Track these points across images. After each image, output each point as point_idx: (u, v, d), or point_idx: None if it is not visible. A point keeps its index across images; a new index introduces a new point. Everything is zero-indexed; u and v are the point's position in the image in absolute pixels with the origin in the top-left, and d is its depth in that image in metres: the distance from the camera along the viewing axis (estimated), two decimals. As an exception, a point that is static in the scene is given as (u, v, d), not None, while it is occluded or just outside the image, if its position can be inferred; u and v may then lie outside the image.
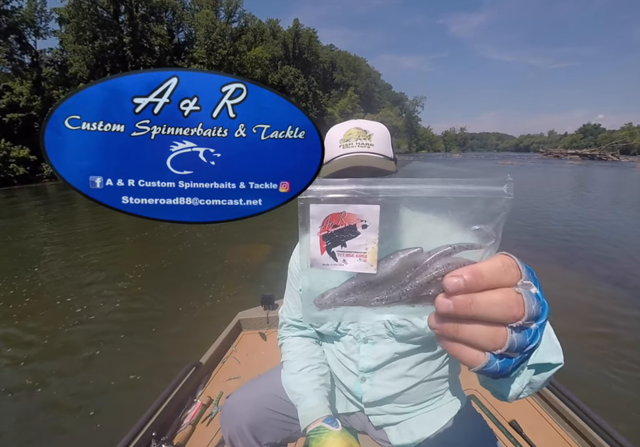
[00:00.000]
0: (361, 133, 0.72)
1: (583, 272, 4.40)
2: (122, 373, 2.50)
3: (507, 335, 0.24)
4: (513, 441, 1.27)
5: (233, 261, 4.84)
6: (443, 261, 0.27)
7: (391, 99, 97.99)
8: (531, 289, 0.25)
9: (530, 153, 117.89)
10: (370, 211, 0.28)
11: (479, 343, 0.24)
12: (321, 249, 0.29)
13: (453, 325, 0.25)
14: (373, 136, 0.73)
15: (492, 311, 0.23)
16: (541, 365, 0.42)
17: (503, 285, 0.24)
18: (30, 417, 2.13)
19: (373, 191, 0.28)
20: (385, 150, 0.74)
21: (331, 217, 0.28)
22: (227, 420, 0.88)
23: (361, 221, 0.28)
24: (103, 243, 6.16)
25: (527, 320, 0.24)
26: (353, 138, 0.73)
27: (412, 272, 0.28)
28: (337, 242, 0.29)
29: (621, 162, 45.54)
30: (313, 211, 0.28)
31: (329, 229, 0.28)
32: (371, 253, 0.28)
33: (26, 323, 3.30)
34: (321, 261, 0.29)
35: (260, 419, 0.88)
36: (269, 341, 1.94)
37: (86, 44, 28.29)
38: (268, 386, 0.96)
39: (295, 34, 50.50)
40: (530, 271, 0.26)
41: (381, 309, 0.29)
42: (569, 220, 7.44)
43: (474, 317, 0.24)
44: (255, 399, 0.91)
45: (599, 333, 2.94)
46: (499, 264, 0.25)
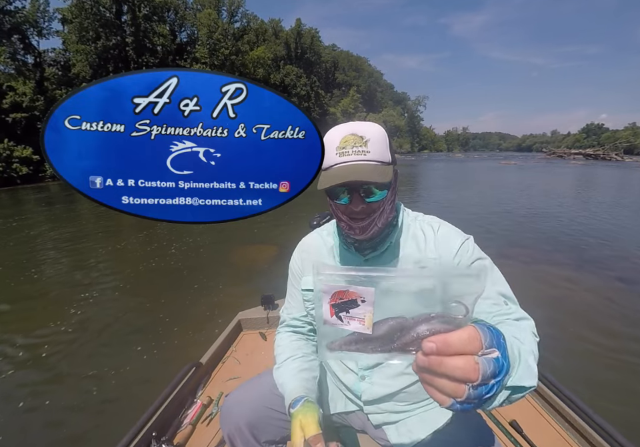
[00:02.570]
0: (357, 140, 0.72)
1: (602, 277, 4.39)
2: (122, 373, 2.50)
3: (465, 390, 0.32)
4: (513, 442, 1.27)
5: (233, 261, 4.84)
6: (424, 326, 0.35)
7: (393, 99, 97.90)
8: (492, 354, 0.33)
9: (533, 153, 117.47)
10: (367, 292, 0.38)
11: (445, 391, 0.33)
12: (331, 313, 0.40)
13: (429, 375, 0.33)
14: (369, 142, 0.73)
15: (455, 373, 0.31)
16: (518, 388, 0.48)
17: (467, 353, 0.32)
18: (31, 417, 2.14)
19: (370, 277, 0.38)
20: (381, 155, 0.74)
21: (338, 292, 0.39)
22: (226, 419, 0.88)
23: (360, 297, 0.39)
24: (104, 243, 6.18)
25: (482, 381, 0.32)
26: (349, 145, 0.73)
27: (399, 334, 0.37)
28: (342, 309, 0.40)
29: (625, 162, 45.29)
30: (324, 288, 0.40)
31: (336, 300, 0.40)
32: (368, 319, 0.39)
33: (26, 323, 3.31)
34: (331, 321, 0.41)
35: (259, 418, 0.88)
36: (269, 341, 1.94)
37: (89, 44, 28.38)
38: (267, 385, 0.96)
39: (297, 34, 50.50)
40: (496, 336, 0.34)
41: (375, 356, 0.39)
42: (589, 223, 7.24)
43: (443, 373, 0.32)
44: (253, 397, 0.91)
45: (602, 333, 2.93)
46: (465, 336, 0.32)
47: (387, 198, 0.77)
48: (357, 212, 0.75)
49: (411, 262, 0.82)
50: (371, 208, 0.75)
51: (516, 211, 8.61)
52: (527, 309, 0.72)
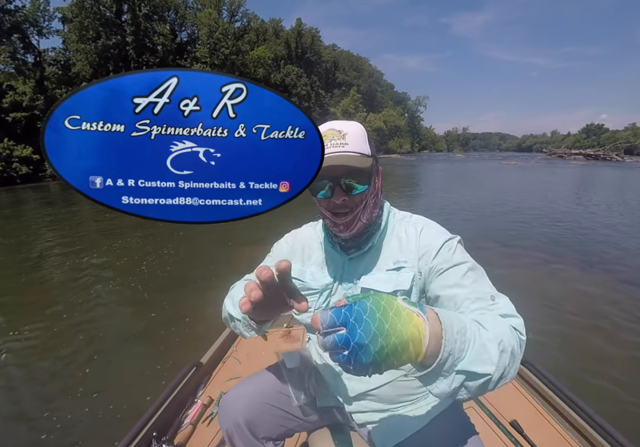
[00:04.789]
0: (335, 134, 0.74)
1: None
2: (122, 373, 2.50)
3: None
4: (514, 441, 1.27)
5: (233, 261, 4.84)
6: None
7: (394, 99, 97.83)
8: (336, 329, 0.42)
9: (533, 153, 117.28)
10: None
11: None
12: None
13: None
14: (347, 135, 0.74)
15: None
16: (469, 373, 0.47)
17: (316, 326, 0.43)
18: (31, 417, 2.14)
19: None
20: (360, 148, 0.75)
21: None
22: (225, 415, 0.89)
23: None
24: (105, 243, 6.18)
25: (324, 331, 0.42)
26: (328, 139, 0.74)
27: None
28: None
29: (625, 162, 45.23)
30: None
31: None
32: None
33: (25, 323, 3.31)
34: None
35: (257, 414, 0.88)
36: (270, 341, 1.94)
37: (89, 43, 28.39)
38: (265, 381, 0.97)
39: (297, 33, 50.48)
40: (343, 316, 0.42)
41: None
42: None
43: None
44: (252, 394, 0.92)
45: (607, 333, 2.93)
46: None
47: (369, 192, 0.77)
48: (339, 205, 0.75)
49: (391, 262, 0.82)
50: (353, 201, 0.76)
51: (546, 215, 8.42)
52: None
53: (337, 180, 0.74)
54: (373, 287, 0.82)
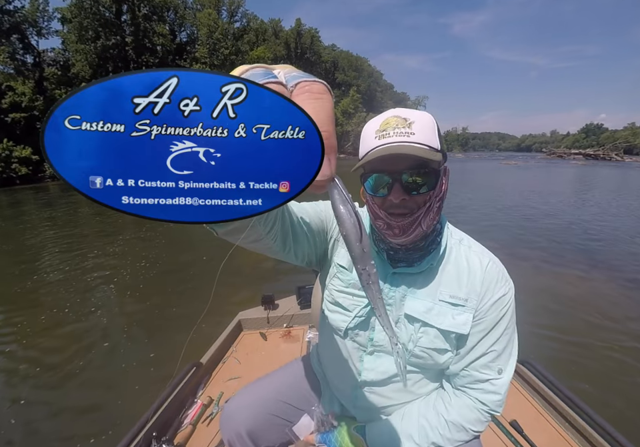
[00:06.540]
0: (400, 121, 0.62)
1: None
2: (122, 373, 2.50)
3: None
4: (514, 441, 1.27)
5: (233, 261, 4.83)
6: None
7: (393, 99, 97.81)
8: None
9: (533, 153, 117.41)
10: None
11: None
12: None
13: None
14: (414, 124, 0.62)
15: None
16: None
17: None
18: (31, 417, 2.13)
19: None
20: (429, 140, 0.62)
21: None
22: (226, 425, 0.88)
23: None
24: (105, 244, 6.17)
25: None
26: (390, 127, 0.62)
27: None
28: None
29: (625, 162, 45.33)
30: None
31: None
32: None
33: (25, 323, 3.31)
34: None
35: (259, 425, 0.87)
36: (270, 341, 1.94)
37: (88, 44, 28.37)
38: (267, 390, 0.95)
39: (297, 34, 50.48)
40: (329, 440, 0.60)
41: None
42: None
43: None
44: (254, 404, 0.90)
45: (604, 332, 2.93)
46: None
47: (435, 193, 0.65)
48: (397, 205, 0.63)
49: (447, 295, 0.71)
50: (414, 202, 0.64)
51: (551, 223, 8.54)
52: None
53: (398, 175, 0.62)
54: (423, 318, 0.71)
